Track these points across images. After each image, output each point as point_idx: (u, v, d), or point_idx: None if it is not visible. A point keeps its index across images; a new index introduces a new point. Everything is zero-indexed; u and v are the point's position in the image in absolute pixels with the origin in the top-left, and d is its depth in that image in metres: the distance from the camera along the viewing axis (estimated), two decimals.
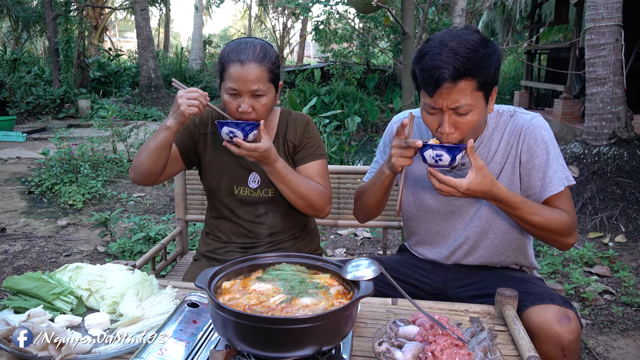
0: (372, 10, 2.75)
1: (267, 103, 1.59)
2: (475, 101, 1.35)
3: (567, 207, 1.46)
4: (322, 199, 1.68)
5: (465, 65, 1.30)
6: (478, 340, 1.12)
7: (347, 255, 3.87)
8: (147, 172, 1.63)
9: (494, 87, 1.40)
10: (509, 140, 1.50)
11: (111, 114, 6.47)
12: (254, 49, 1.56)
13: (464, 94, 1.33)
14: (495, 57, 1.35)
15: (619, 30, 4.66)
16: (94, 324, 1.23)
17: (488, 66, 1.33)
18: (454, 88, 1.32)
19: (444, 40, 1.33)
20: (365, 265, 1.18)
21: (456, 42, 1.32)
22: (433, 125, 1.42)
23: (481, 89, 1.35)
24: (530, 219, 1.40)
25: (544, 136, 1.47)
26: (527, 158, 1.47)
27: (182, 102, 1.49)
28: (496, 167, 1.51)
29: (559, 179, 1.44)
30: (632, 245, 4.05)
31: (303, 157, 1.74)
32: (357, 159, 7.42)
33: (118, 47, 24.80)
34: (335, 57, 12.84)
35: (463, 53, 1.30)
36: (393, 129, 1.69)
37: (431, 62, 1.32)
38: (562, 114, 8.78)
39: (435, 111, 1.39)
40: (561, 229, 1.42)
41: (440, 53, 1.31)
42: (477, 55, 1.31)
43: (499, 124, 1.53)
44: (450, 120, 1.37)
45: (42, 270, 1.61)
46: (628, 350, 2.63)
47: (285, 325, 0.98)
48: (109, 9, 19.18)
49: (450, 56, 1.30)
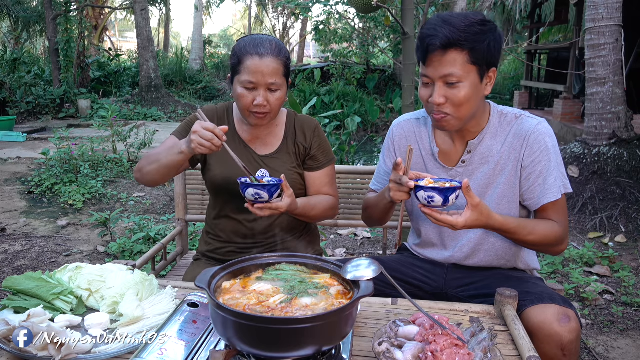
0: (372, 10, 2.75)
1: (281, 97, 1.62)
2: (467, 74, 1.37)
3: (561, 215, 1.49)
4: (332, 211, 1.79)
5: (457, 35, 1.34)
6: (478, 340, 1.12)
7: (347, 255, 3.87)
8: (154, 182, 1.66)
9: (492, 68, 1.42)
10: (513, 143, 1.50)
11: (111, 114, 6.47)
12: (270, 44, 1.60)
13: (453, 65, 1.36)
14: (492, 35, 1.38)
15: (619, 30, 4.66)
16: (94, 324, 1.23)
17: (481, 40, 1.36)
18: (444, 57, 1.36)
19: (444, 16, 1.39)
20: (365, 265, 1.18)
21: (456, 18, 1.37)
22: (425, 96, 1.45)
23: (474, 63, 1.37)
24: (526, 240, 1.44)
25: (548, 143, 1.47)
26: (529, 163, 1.48)
27: (194, 139, 1.43)
28: (498, 169, 1.52)
29: (558, 187, 1.47)
30: (632, 245, 4.05)
31: (314, 165, 1.78)
32: (357, 159, 7.43)
33: (118, 47, 24.81)
34: (335, 57, 12.85)
35: (457, 25, 1.35)
36: (394, 132, 1.71)
37: (426, 31, 1.38)
38: (562, 114, 8.78)
39: (429, 81, 1.42)
40: (553, 241, 1.47)
41: (436, 24, 1.37)
42: (472, 30, 1.35)
43: (503, 124, 1.53)
44: (441, 90, 1.40)
45: (42, 270, 1.60)
46: (628, 350, 2.63)
47: (285, 325, 0.98)
48: (109, 9, 19.17)
49: (444, 26, 1.35)
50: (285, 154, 1.76)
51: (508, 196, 1.52)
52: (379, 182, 1.75)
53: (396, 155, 1.69)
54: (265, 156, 1.75)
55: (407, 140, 1.67)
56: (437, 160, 1.59)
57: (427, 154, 1.62)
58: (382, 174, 1.74)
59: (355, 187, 2.34)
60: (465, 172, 1.55)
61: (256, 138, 1.77)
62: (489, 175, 1.52)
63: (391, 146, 1.71)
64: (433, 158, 1.61)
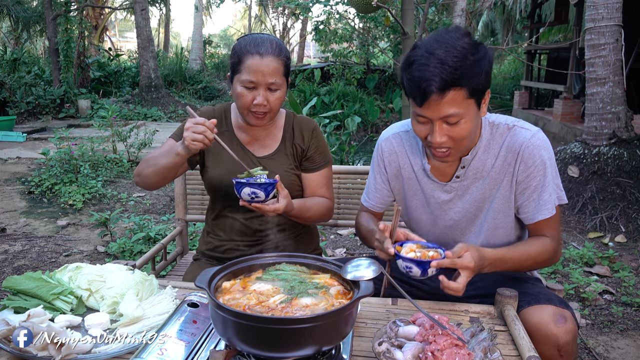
0: (372, 10, 2.76)
1: (280, 97, 1.62)
2: (467, 109, 1.31)
3: (554, 229, 1.47)
4: (328, 213, 1.78)
5: (453, 76, 1.25)
6: (478, 340, 1.12)
7: (347, 255, 3.87)
8: (153, 185, 1.66)
9: (487, 90, 1.35)
10: (506, 157, 1.45)
11: (111, 114, 6.47)
12: (270, 43, 1.59)
13: (453, 104, 1.29)
14: (486, 61, 1.30)
15: (619, 30, 4.66)
16: (94, 324, 1.23)
17: (478, 73, 1.28)
18: (443, 99, 1.28)
19: (430, 49, 1.28)
20: (365, 265, 1.19)
21: (443, 50, 1.26)
22: (422, 134, 1.38)
23: (472, 96, 1.30)
24: (522, 267, 1.44)
25: (543, 157, 1.42)
26: (523, 178, 1.44)
27: (187, 137, 1.44)
28: (492, 183, 1.48)
29: (552, 202, 1.44)
30: (632, 245, 4.05)
31: (311, 167, 1.78)
32: (357, 159, 7.42)
33: (118, 47, 24.82)
34: (335, 57, 12.85)
35: (451, 62, 1.25)
36: (383, 148, 1.64)
37: (418, 73, 1.28)
38: (562, 114, 8.78)
39: (425, 119, 1.35)
40: (548, 259, 1.47)
41: (427, 63, 1.26)
42: (466, 64, 1.26)
43: (495, 137, 1.47)
44: (441, 130, 1.33)
45: (42, 270, 1.61)
46: (628, 350, 2.63)
47: (285, 325, 0.98)
48: (109, 9, 19.18)
49: (437, 66, 1.25)
50: (283, 155, 1.75)
51: (504, 210, 1.50)
52: (370, 199, 1.70)
53: (387, 171, 1.63)
54: (263, 158, 1.74)
55: (398, 156, 1.60)
56: (430, 176, 1.55)
57: (419, 169, 1.57)
58: (372, 190, 1.69)
59: (355, 187, 2.34)
60: (460, 187, 1.51)
61: (254, 139, 1.76)
62: (485, 190, 1.49)
63: (381, 162, 1.65)
64: (425, 174, 1.56)
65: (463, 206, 1.53)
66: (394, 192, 1.66)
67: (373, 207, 1.71)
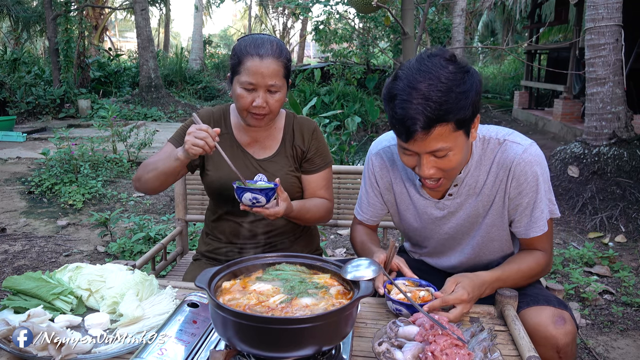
0: (372, 10, 2.76)
1: (280, 99, 1.61)
2: (454, 142, 1.26)
3: (546, 243, 1.47)
4: (327, 214, 1.79)
5: (438, 112, 1.18)
6: (478, 340, 1.12)
7: (347, 255, 3.87)
8: (152, 189, 1.66)
9: (476, 116, 1.29)
10: (498, 174, 1.41)
11: (111, 114, 6.47)
12: (271, 45, 1.58)
13: (440, 140, 1.23)
14: (473, 92, 1.22)
15: (619, 30, 4.66)
16: (94, 324, 1.23)
17: (464, 106, 1.21)
18: (429, 136, 1.22)
19: (413, 82, 1.20)
20: (365, 265, 1.19)
21: (427, 84, 1.19)
22: (410, 165, 1.34)
23: (459, 128, 1.24)
24: (517, 284, 1.43)
25: (536, 172, 1.38)
26: (515, 194, 1.41)
27: (188, 141, 1.45)
28: (485, 200, 1.46)
29: (545, 219, 1.43)
30: (632, 245, 4.05)
31: (310, 168, 1.77)
32: (357, 159, 7.42)
33: (118, 47, 24.83)
34: (335, 57, 12.85)
35: (435, 97, 1.18)
36: (374, 163, 1.60)
37: (401, 111, 1.21)
38: (562, 114, 8.79)
39: (412, 152, 1.30)
40: (540, 272, 1.47)
41: (409, 100, 1.19)
42: (451, 97, 1.19)
43: (487, 152, 1.43)
44: (429, 163, 1.29)
45: (42, 270, 1.61)
46: (628, 350, 2.63)
47: (285, 325, 0.98)
48: (109, 9, 19.18)
49: (421, 103, 1.18)
50: (283, 157, 1.75)
51: (497, 224, 1.49)
52: (364, 212, 1.68)
53: (379, 185, 1.60)
54: (263, 160, 1.74)
55: (389, 171, 1.57)
56: (422, 193, 1.52)
57: (410, 185, 1.54)
58: (365, 204, 1.67)
59: (355, 187, 2.34)
60: (453, 205, 1.49)
61: (254, 141, 1.76)
62: (478, 207, 1.48)
63: (372, 177, 1.61)
64: (417, 191, 1.53)
65: (457, 222, 1.52)
66: (387, 205, 1.65)
67: (367, 220, 1.69)
